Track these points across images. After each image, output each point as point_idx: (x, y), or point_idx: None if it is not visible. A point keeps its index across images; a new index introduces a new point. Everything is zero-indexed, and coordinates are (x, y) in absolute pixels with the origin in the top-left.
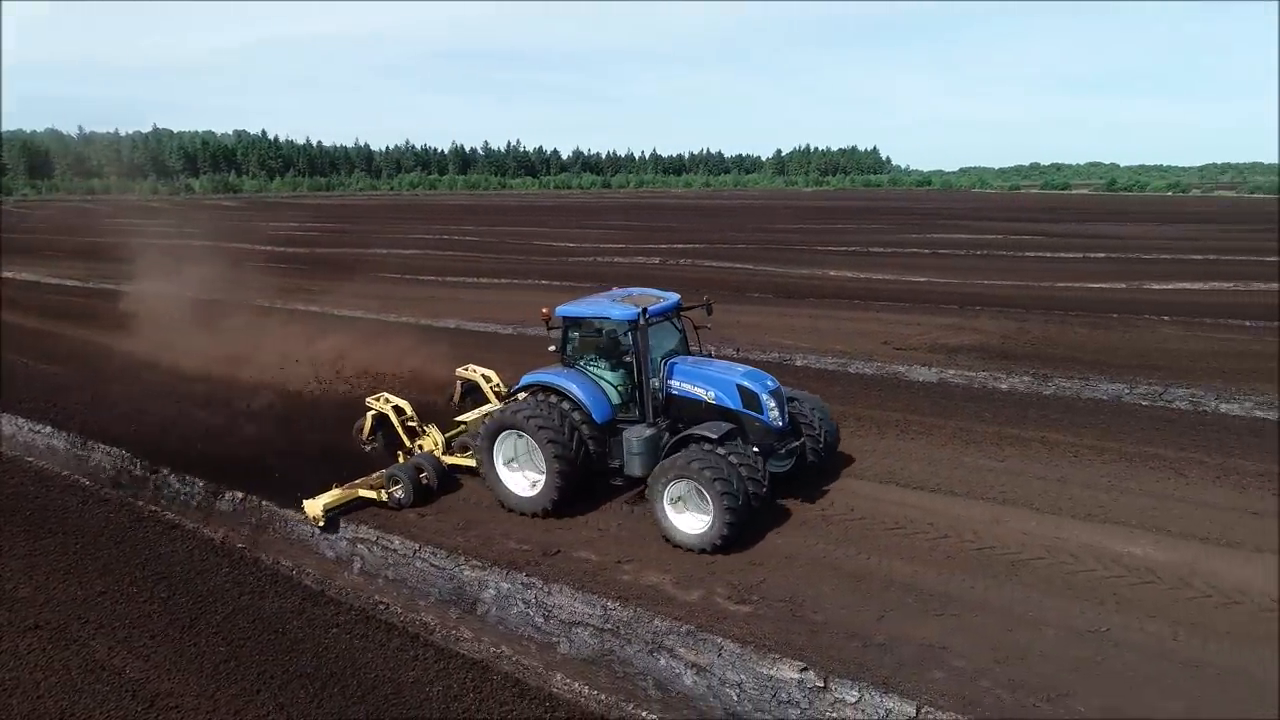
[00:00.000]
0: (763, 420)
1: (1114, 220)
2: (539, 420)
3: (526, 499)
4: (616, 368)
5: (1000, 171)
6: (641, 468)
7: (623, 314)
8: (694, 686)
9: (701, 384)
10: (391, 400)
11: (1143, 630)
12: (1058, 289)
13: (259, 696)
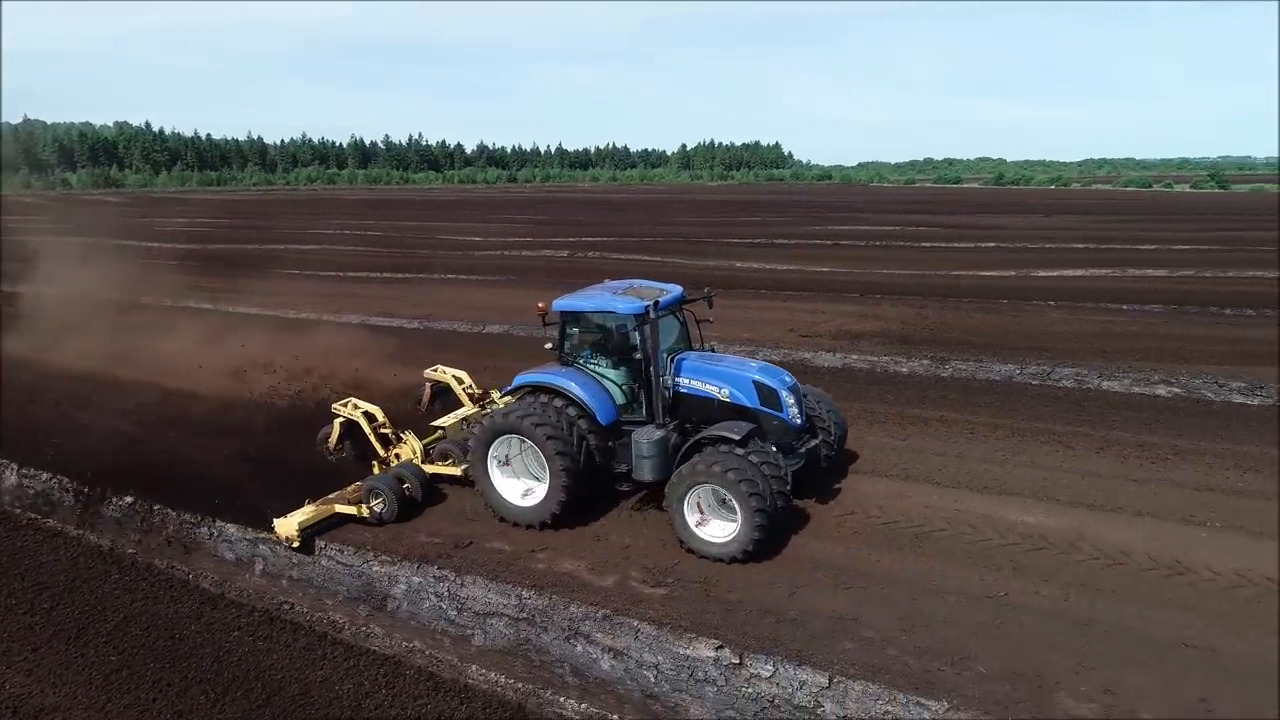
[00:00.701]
0: (782, 418)
1: (1003, 212)
2: (541, 423)
3: (527, 509)
4: (620, 365)
5: (896, 166)
6: (652, 472)
7: (629, 307)
8: (611, 671)
9: (714, 381)
10: (361, 406)
11: (1037, 593)
12: (953, 277)
13: (155, 705)
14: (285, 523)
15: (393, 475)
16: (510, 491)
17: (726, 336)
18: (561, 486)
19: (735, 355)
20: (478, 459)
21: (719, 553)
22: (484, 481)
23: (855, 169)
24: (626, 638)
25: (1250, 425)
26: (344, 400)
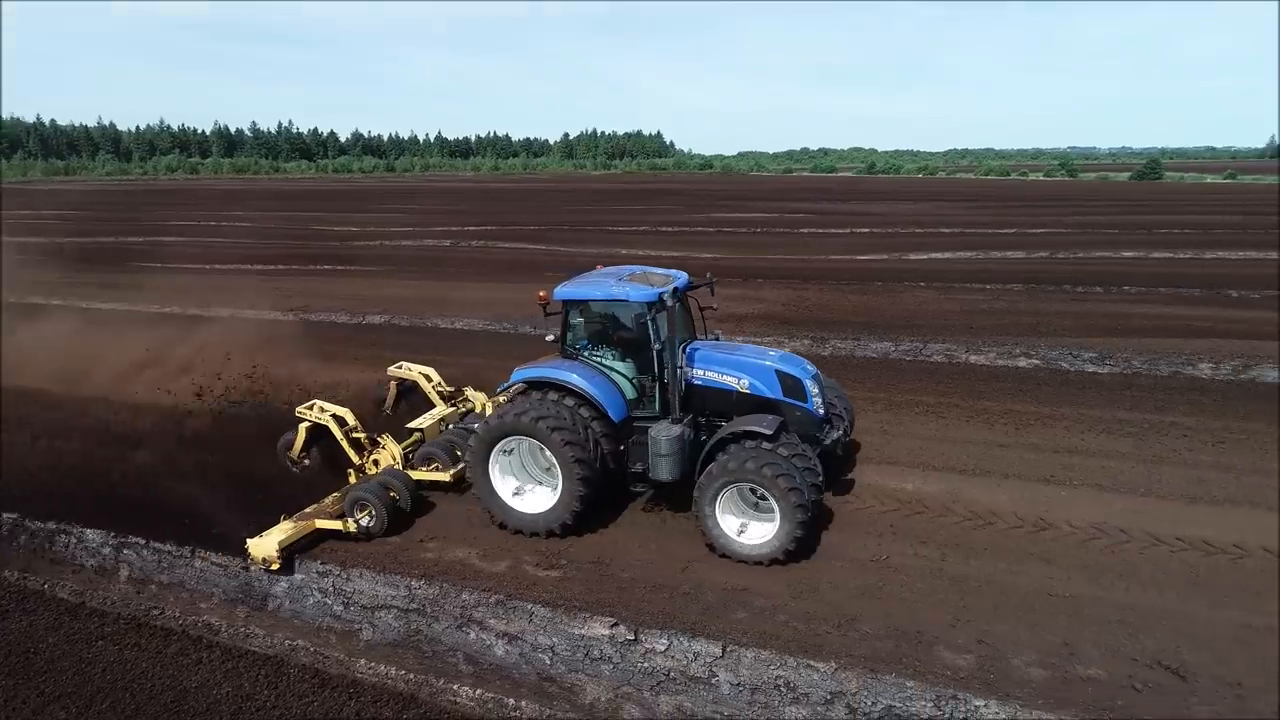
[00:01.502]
0: (806, 409)
1: (875, 199)
2: (553, 423)
3: (536, 516)
4: (629, 357)
5: (774, 156)
6: (670, 471)
7: (642, 294)
8: (506, 656)
9: (732, 371)
10: (329, 409)
11: (916, 555)
12: (830, 261)
13: None
14: (261, 543)
15: (378, 484)
16: (517, 498)
17: None
18: (578, 490)
19: (743, 344)
20: (478, 463)
21: (755, 555)
22: (485, 488)
23: (735, 158)
24: (520, 621)
25: (1101, 391)
26: (309, 403)
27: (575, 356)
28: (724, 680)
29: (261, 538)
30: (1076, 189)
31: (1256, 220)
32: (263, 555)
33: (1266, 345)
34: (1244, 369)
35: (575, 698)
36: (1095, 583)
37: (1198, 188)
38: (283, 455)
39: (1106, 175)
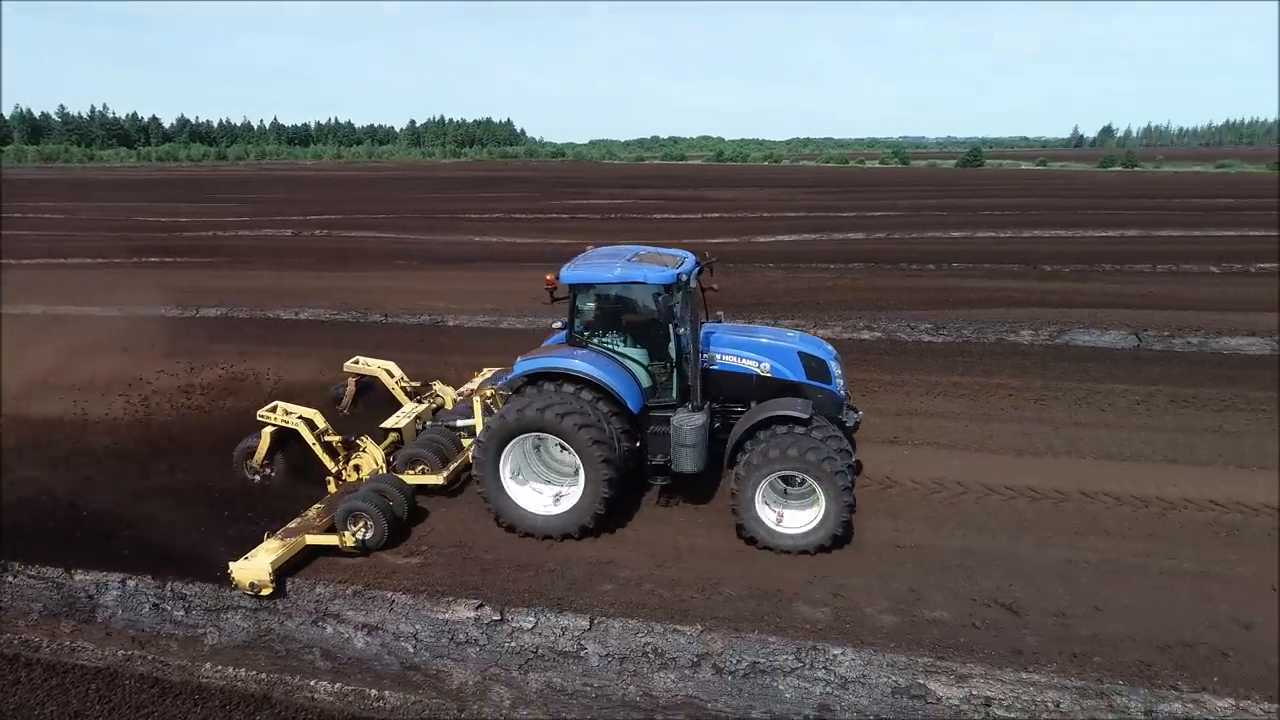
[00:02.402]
0: (830, 391)
1: (724, 186)
2: (576, 418)
3: (553, 519)
4: (642, 343)
5: (626, 144)
6: (694, 462)
7: (660, 276)
8: (366, 648)
9: (751, 355)
10: (294, 410)
11: None
12: (683, 244)
13: None
14: (249, 566)
15: (371, 491)
16: (528, 500)
17: (470, 308)
18: (604, 489)
19: (753, 326)
20: (488, 464)
21: (801, 545)
22: (495, 490)
23: (587, 146)
24: (380, 611)
25: (936, 358)
26: (271, 405)
27: (584, 344)
28: (593, 652)
29: (247, 560)
30: (909, 175)
31: (1064, 202)
32: (251, 580)
33: (1077, 313)
34: (1058, 334)
35: (441, 684)
36: (937, 532)
37: (1014, 173)
38: (240, 464)
39: (935, 163)
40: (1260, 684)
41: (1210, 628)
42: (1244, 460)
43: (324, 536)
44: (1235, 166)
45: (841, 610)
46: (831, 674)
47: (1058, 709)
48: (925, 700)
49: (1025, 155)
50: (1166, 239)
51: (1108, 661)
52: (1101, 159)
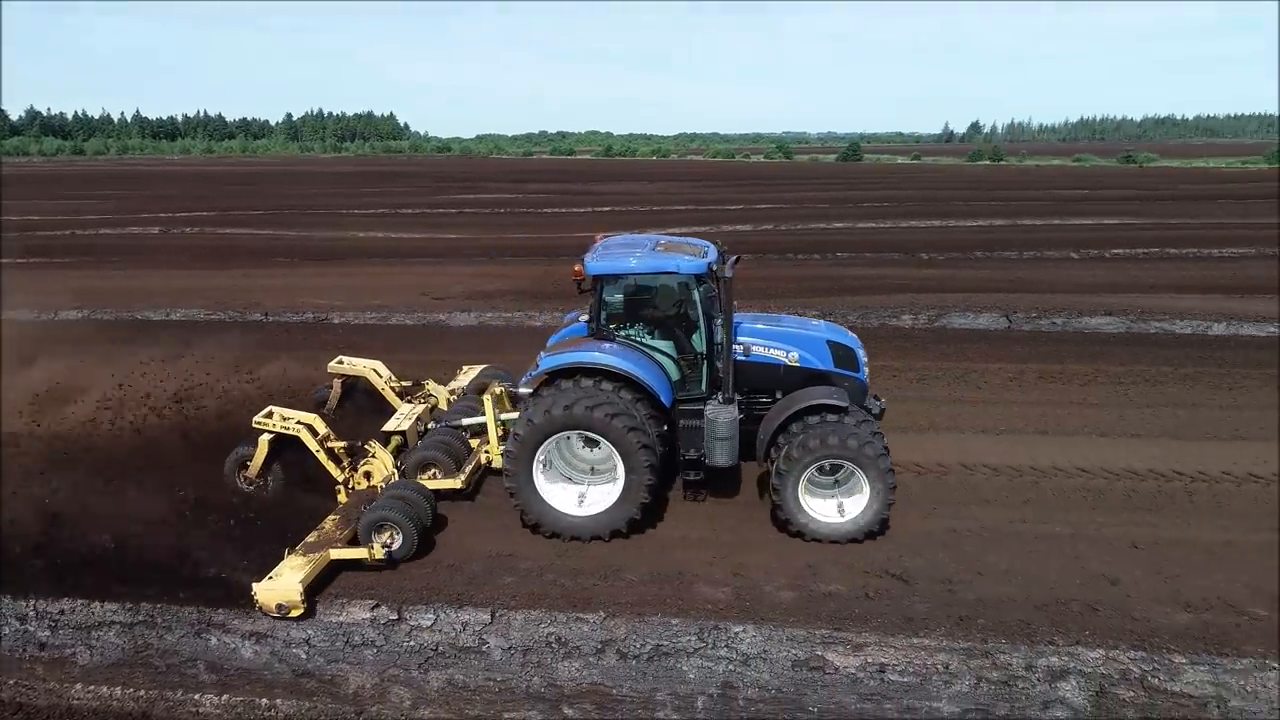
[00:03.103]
0: (857, 379)
1: (614, 180)
2: (613, 411)
3: (588, 519)
4: (670, 335)
5: (514, 139)
6: (728, 455)
7: (692, 265)
8: (255, 657)
9: (779, 344)
10: (292, 415)
11: (672, 505)
12: (574, 238)
13: None
14: (276, 586)
15: (394, 499)
16: (560, 500)
17: (355, 304)
18: (646, 484)
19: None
20: (521, 464)
21: (847, 533)
22: (528, 492)
23: (474, 141)
24: (268, 618)
25: None
26: (266, 411)
27: (610, 337)
28: (495, 646)
29: (272, 580)
30: (792, 169)
31: (938, 194)
32: (278, 601)
33: (953, 297)
34: (936, 318)
35: (337, 689)
36: None
37: (891, 167)
38: (233, 476)
39: (817, 157)
40: (1126, 634)
41: (1081, 585)
42: (1106, 430)
43: (349, 550)
44: (1089, 161)
45: (742, 589)
46: (734, 652)
47: (947, 670)
48: (824, 671)
49: (900, 150)
50: (1030, 228)
51: (991, 622)
52: (970, 154)
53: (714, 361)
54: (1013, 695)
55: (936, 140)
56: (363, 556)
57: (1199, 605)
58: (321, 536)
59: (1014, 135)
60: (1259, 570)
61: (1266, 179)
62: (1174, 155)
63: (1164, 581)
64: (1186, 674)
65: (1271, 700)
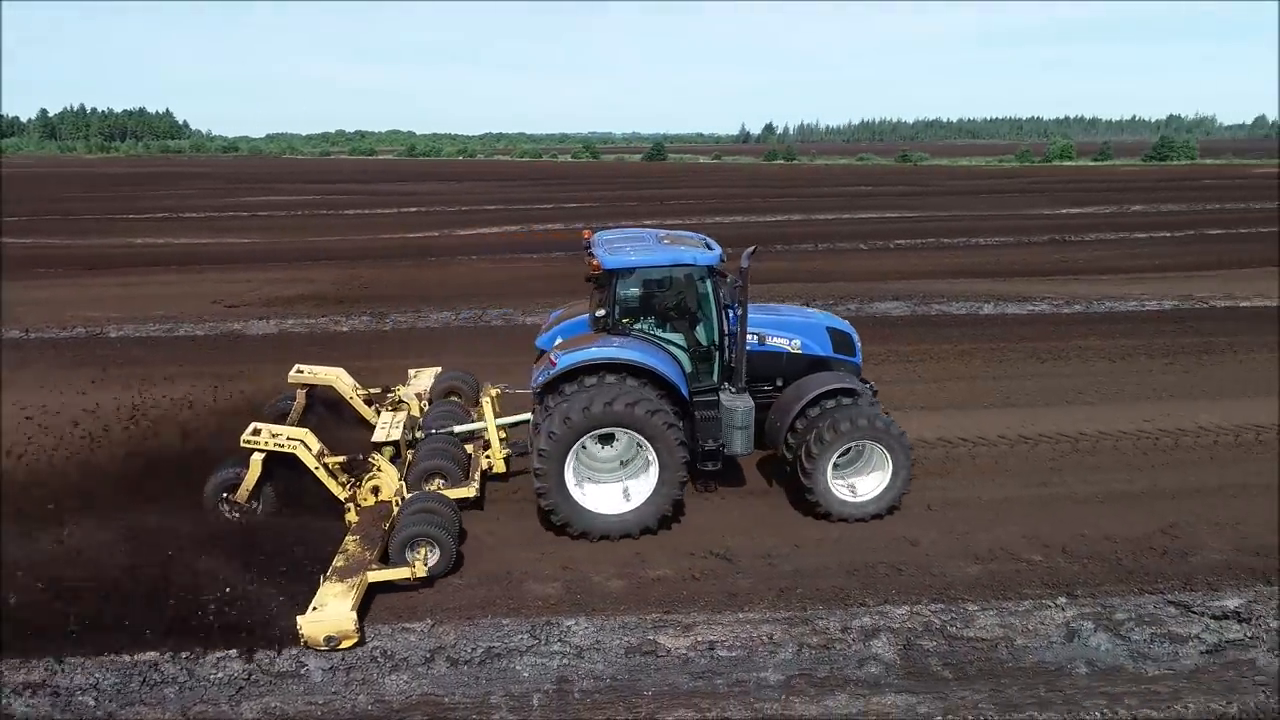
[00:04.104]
0: (855, 363)
1: (420, 180)
2: (650, 407)
3: (624, 517)
4: (678, 327)
5: (309, 138)
6: (745, 444)
7: (708, 257)
8: (31, 711)
9: (782, 333)
10: (282, 431)
11: (493, 501)
12: (381, 239)
13: None
14: (325, 617)
15: (423, 513)
16: (594, 500)
17: (137, 316)
18: (680, 479)
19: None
20: (553, 467)
21: (871, 512)
22: (561, 494)
23: (265, 141)
24: (42, 666)
25: None
26: (252, 429)
27: (625, 332)
28: (315, 668)
29: (318, 611)
30: (600, 169)
31: (738, 191)
32: (327, 634)
33: (755, 288)
34: None
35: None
36: None
37: (694, 166)
38: (216, 499)
39: (623, 157)
40: (927, 589)
41: (886, 548)
42: (898, 404)
43: (390, 571)
44: (871, 160)
45: (572, 583)
46: (567, 645)
47: (771, 640)
48: (656, 655)
49: (702, 150)
50: (824, 222)
51: (808, 591)
52: (766, 153)
53: (725, 352)
54: (832, 657)
55: (735, 140)
56: (405, 576)
57: (986, 557)
58: (350, 559)
59: (805, 136)
60: (1033, 521)
61: (1019, 175)
62: (942, 154)
63: (956, 538)
64: (979, 620)
65: (1049, 636)
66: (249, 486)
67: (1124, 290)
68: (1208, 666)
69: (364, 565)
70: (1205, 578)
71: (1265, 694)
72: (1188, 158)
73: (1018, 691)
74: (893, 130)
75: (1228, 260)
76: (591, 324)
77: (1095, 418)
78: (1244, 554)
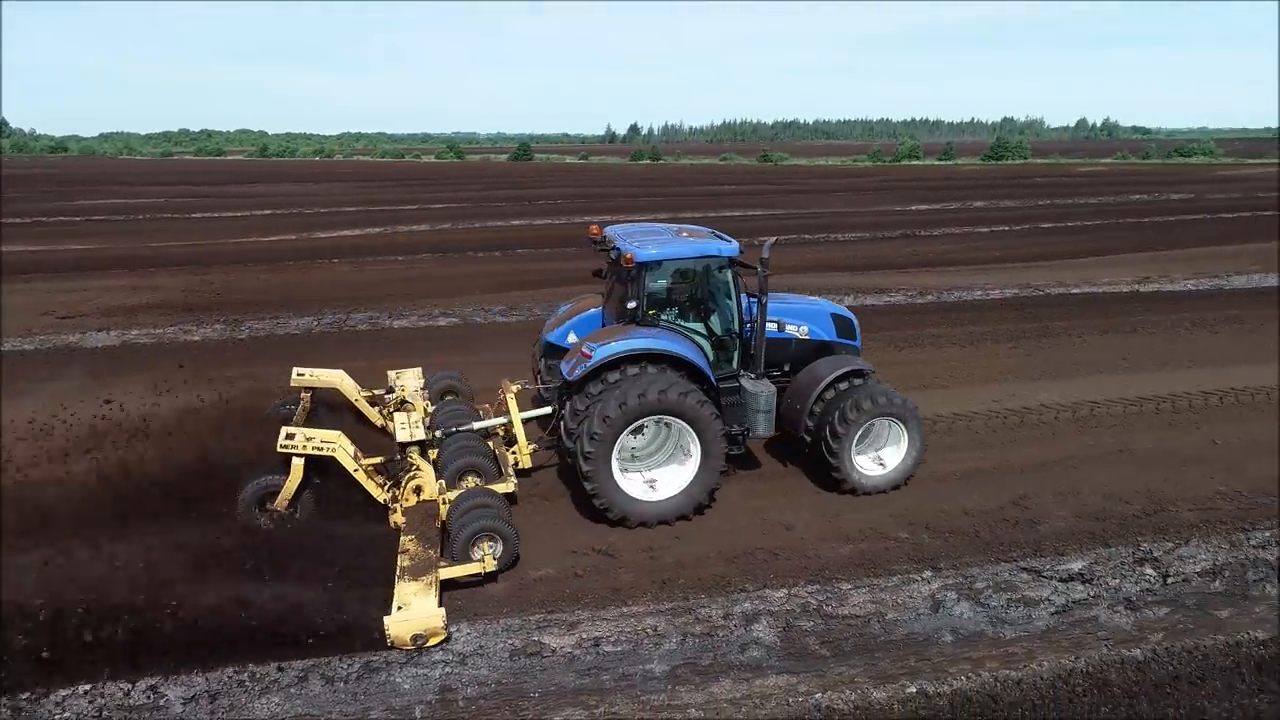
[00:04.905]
0: (855, 347)
1: (274, 181)
2: (697, 396)
3: (667, 503)
4: (700, 317)
5: (149, 138)
6: (768, 426)
7: (730, 249)
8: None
9: (793, 320)
10: (315, 435)
11: None
12: (233, 244)
13: None
14: (412, 616)
15: (479, 507)
16: (638, 488)
17: None
18: (720, 466)
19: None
20: (601, 457)
21: (887, 484)
22: (607, 481)
23: (98, 140)
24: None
25: (511, 337)
26: (287, 434)
27: (654, 323)
28: (174, 698)
29: (403, 610)
30: (465, 169)
31: (605, 190)
32: (414, 632)
33: None
34: None
35: None
36: (534, 496)
37: (561, 166)
38: (251, 507)
39: (489, 157)
40: (803, 572)
41: (763, 535)
42: None
43: (461, 568)
44: (734, 159)
45: (452, 589)
46: (449, 654)
47: (655, 632)
48: (541, 655)
49: (569, 150)
50: (690, 219)
51: (690, 581)
52: (632, 153)
53: (744, 339)
54: (714, 645)
55: (601, 141)
56: (475, 571)
57: (856, 537)
58: (416, 559)
59: (669, 136)
60: (899, 501)
61: (871, 174)
62: (801, 154)
63: (828, 521)
64: (853, 598)
65: (917, 608)
66: (290, 491)
67: (970, 280)
68: (1057, 626)
69: (432, 564)
70: (1052, 544)
71: (1107, 647)
72: (1021, 157)
73: (890, 663)
74: (753, 131)
75: (1059, 251)
76: (615, 316)
77: (950, 400)
78: (1085, 519)
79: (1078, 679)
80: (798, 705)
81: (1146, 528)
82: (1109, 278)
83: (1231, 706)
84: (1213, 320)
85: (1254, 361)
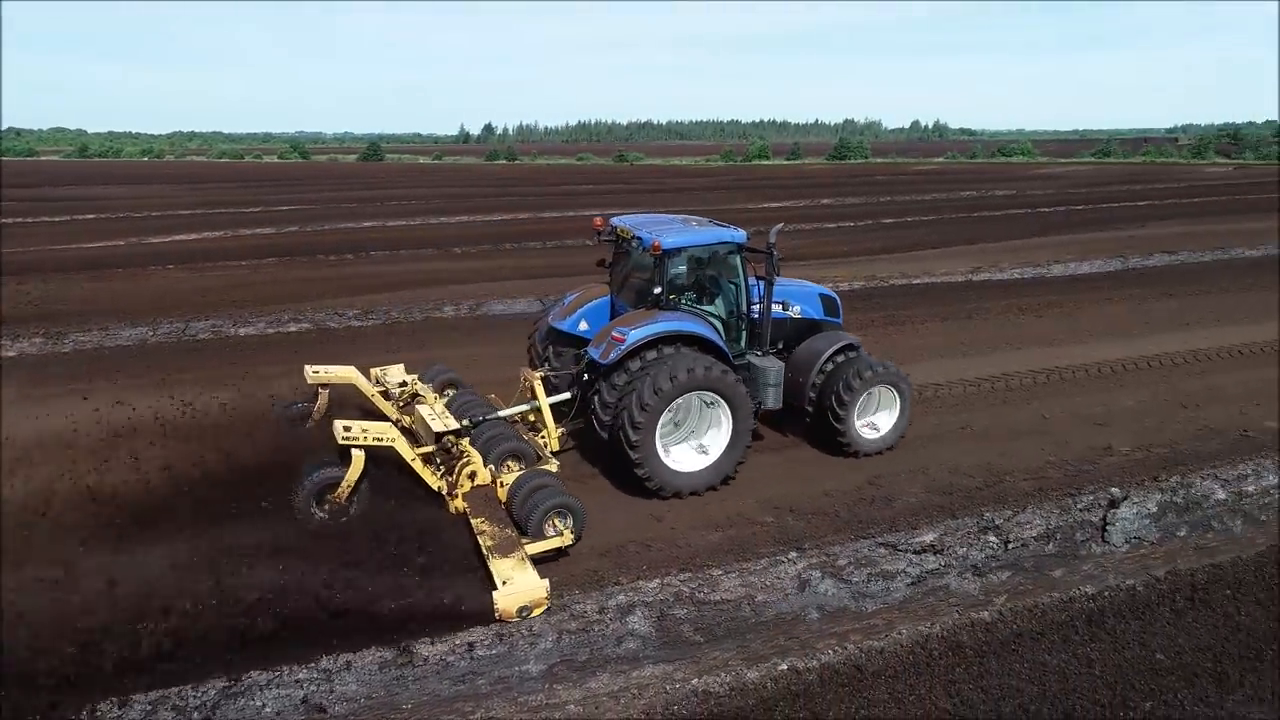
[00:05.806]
0: (838, 323)
1: (96, 183)
2: (737, 379)
3: (700, 474)
4: (712, 300)
5: None
6: (777, 399)
7: (739, 236)
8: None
9: (790, 301)
10: (370, 427)
11: None
12: (51, 251)
13: None
14: (517, 590)
15: (542, 487)
16: (673, 459)
17: None
18: (747, 439)
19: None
20: (647, 432)
21: (885, 444)
22: (651, 454)
23: None
24: None
25: (368, 341)
26: (345, 426)
27: (675, 307)
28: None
29: (508, 585)
30: (312, 169)
31: (461, 190)
32: (520, 604)
33: (488, 286)
34: (477, 307)
35: None
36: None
37: (414, 166)
38: (311, 500)
39: (336, 157)
40: (675, 561)
41: (634, 528)
42: None
43: (544, 543)
44: (590, 159)
45: None
46: (313, 671)
47: (531, 632)
48: (413, 665)
49: (421, 150)
50: (548, 219)
51: (563, 577)
52: (487, 153)
53: (751, 320)
54: (591, 639)
55: (455, 141)
56: (559, 545)
57: (725, 524)
58: (497, 538)
59: (524, 136)
60: (763, 486)
61: (724, 174)
62: (655, 154)
63: (697, 510)
64: (724, 583)
65: (784, 589)
66: (350, 484)
67: (820, 275)
68: (914, 596)
69: (515, 542)
70: (906, 519)
71: (958, 612)
72: (861, 157)
73: (761, 644)
74: (608, 131)
75: (901, 244)
76: (632, 302)
77: None
78: (934, 494)
79: (934, 644)
80: (674, 692)
81: (988, 498)
82: (946, 269)
83: (1068, 657)
84: (1037, 305)
85: (1075, 342)
